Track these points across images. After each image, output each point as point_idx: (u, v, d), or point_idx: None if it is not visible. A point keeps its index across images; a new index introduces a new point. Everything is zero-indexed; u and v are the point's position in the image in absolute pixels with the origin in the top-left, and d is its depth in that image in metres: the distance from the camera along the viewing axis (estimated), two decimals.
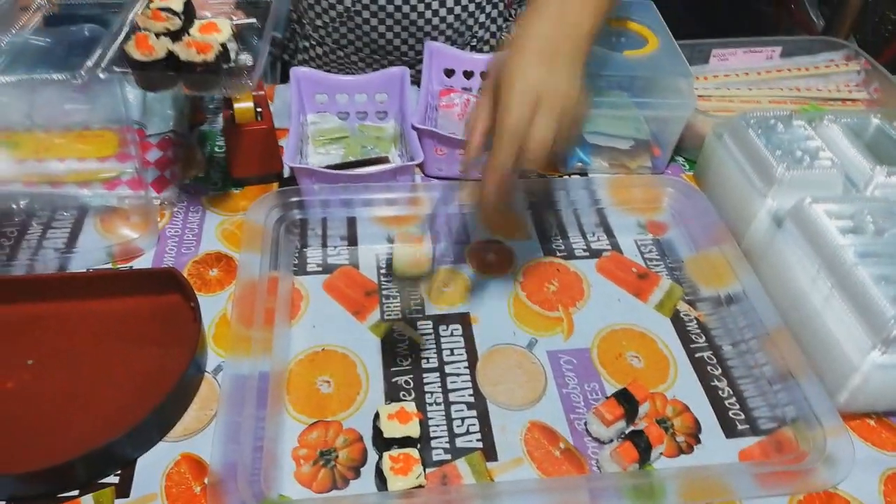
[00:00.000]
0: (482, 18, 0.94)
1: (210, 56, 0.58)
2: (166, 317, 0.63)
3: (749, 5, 2.10)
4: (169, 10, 0.61)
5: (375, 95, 0.85)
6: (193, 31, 0.60)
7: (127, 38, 0.59)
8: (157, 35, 0.59)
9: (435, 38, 0.91)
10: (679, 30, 0.87)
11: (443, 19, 0.90)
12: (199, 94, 0.70)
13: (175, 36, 0.59)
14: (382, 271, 0.71)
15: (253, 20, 0.65)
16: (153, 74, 0.59)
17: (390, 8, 0.87)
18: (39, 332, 0.62)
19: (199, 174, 0.79)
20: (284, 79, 1.00)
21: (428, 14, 0.89)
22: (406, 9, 0.87)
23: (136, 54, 0.58)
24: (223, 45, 0.59)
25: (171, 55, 0.58)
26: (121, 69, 0.59)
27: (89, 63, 0.59)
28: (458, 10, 0.90)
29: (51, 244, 0.70)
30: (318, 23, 0.91)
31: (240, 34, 0.63)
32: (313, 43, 0.95)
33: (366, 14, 0.88)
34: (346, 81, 0.84)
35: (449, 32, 0.92)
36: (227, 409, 0.52)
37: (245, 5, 0.67)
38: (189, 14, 0.62)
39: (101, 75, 0.59)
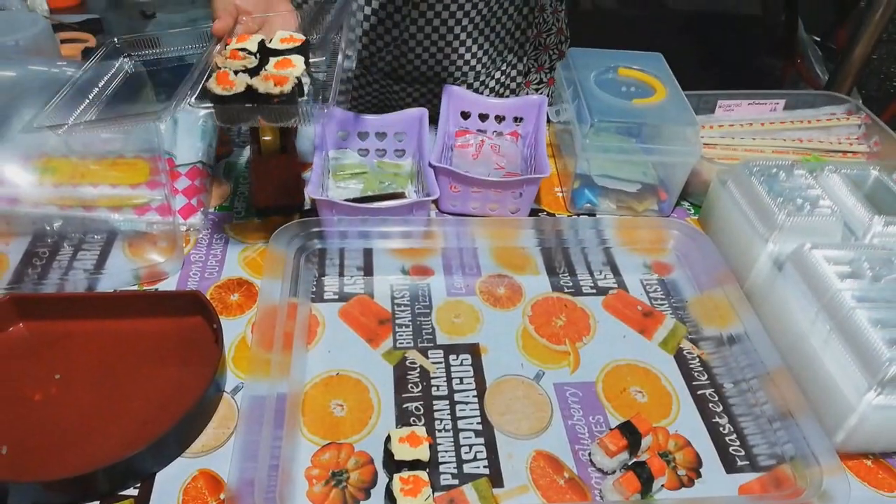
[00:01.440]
0: (515, 47, 0.99)
1: (287, 88, 0.61)
2: (189, 338, 0.66)
3: (757, 60, 2.16)
4: (245, 49, 0.65)
5: (394, 134, 0.89)
6: (269, 66, 0.65)
7: (208, 76, 0.63)
8: (236, 72, 0.63)
9: (471, 67, 0.96)
10: (688, 81, 0.91)
11: (476, 41, 0.95)
12: (276, 125, 0.73)
13: (251, 73, 0.63)
14: (396, 301, 0.74)
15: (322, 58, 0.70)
16: (234, 107, 0.62)
17: (435, 36, 0.92)
18: (68, 348, 0.65)
19: (224, 203, 0.83)
20: None
21: (469, 41, 0.94)
22: (450, 37, 0.92)
23: (218, 89, 0.61)
24: (297, 79, 0.63)
25: (248, 89, 0.62)
26: (202, 105, 0.63)
27: (172, 104, 0.63)
28: (492, 35, 0.96)
29: (81, 265, 0.73)
30: (365, 53, 0.96)
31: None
32: (360, 72, 0.99)
33: (412, 43, 0.93)
34: (367, 120, 0.88)
35: (481, 56, 0.96)
36: (245, 427, 0.54)
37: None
38: (264, 53, 0.66)
39: (189, 107, 0.63)
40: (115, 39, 0.79)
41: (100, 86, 0.73)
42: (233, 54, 0.65)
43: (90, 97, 0.71)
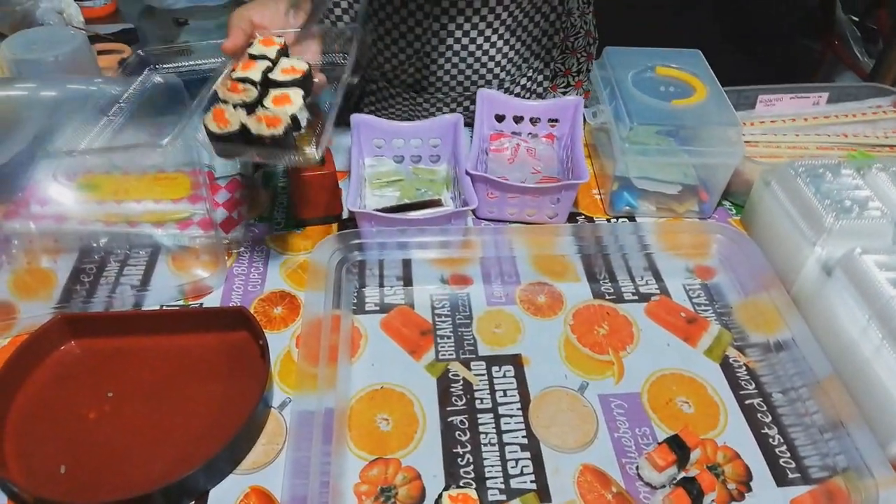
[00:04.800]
0: (542, 53, 0.98)
1: (278, 130, 0.61)
2: (235, 353, 0.67)
3: (793, 43, 2.11)
4: (247, 79, 0.65)
5: (430, 140, 0.89)
6: (267, 102, 0.64)
7: (208, 108, 0.64)
8: (235, 106, 0.63)
9: (495, 76, 0.95)
10: (723, 68, 0.89)
11: (501, 51, 0.93)
12: (269, 163, 0.74)
13: (251, 107, 0.63)
14: (436, 311, 0.74)
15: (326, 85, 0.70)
16: (228, 146, 0.63)
17: (457, 47, 0.91)
18: (118, 366, 0.66)
19: (263, 214, 0.84)
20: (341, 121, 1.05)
21: (492, 51, 0.93)
22: (472, 47, 0.92)
23: (213, 127, 0.62)
24: (293, 117, 0.63)
25: (243, 127, 0.62)
26: (202, 138, 0.64)
27: (174, 132, 0.64)
28: (518, 45, 0.94)
29: (127, 281, 0.74)
30: (387, 67, 0.95)
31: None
32: (382, 86, 0.99)
33: (434, 55, 0.92)
34: (402, 127, 0.88)
35: (506, 64, 0.95)
36: (295, 444, 0.55)
37: (325, 67, 0.72)
38: (266, 84, 0.66)
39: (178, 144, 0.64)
40: (141, 52, 0.79)
41: (122, 101, 0.74)
42: (233, 87, 0.64)
43: (111, 115, 0.72)
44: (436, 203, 0.84)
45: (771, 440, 0.62)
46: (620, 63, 0.89)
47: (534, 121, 0.93)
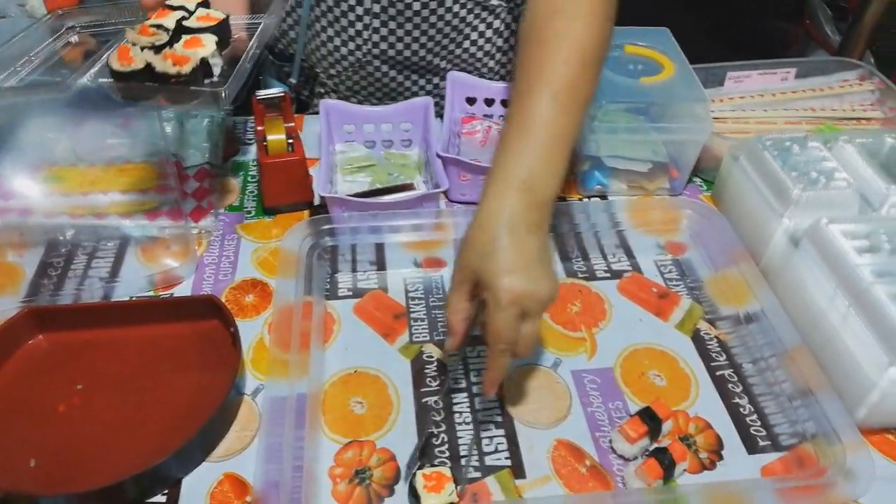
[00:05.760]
0: (490, 63, 0.97)
1: (185, 69, 0.58)
2: (207, 342, 0.66)
3: (764, 23, 2.12)
4: (160, 26, 0.62)
5: (401, 124, 0.88)
6: (178, 45, 0.61)
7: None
8: (143, 48, 0.60)
9: (486, 52, 0.94)
10: (694, 49, 0.89)
11: (450, 61, 0.93)
12: (175, 107, 0.70)
13: (160, 49, 0.61)
14: (410, 295, 0.74)
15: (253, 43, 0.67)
16: (131, 85, 0.60)
17: (400, 58, 0.90)
18: (88, 358, 0.65)
19: (233, 203, 0.83)
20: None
21: (437, 60, 0.92)
22: (415, 59, 0.91)
23: (117, 65, 0.59)
24: (204, 61, 0.60)
25: (149, 67, 0.59)
26: (105, 80, 0.60)
27: (79, 75, 0.61)
28: (465, 55, 0.94)
29: (95, 273, 0.74)
30: (332, 72, 0.94)
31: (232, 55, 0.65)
32: (329, 90, 0.98)
33: (377, 62, 0.91)
34: (373, 112, 0.87)
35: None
36: (268, 429, 0.55)
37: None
38: (179, 31, 0.63)
39: (87, 82, 0.61)
40: (59, 11, 0.77)
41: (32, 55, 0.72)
42: (143, 29, 0.62)
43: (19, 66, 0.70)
44: (408, 187, 0.84)
45: (742, 410, 0.63)
46: None
47: (505, 103, 0.93)
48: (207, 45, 0.61)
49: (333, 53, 0.91)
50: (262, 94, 0.80)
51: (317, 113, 0.87)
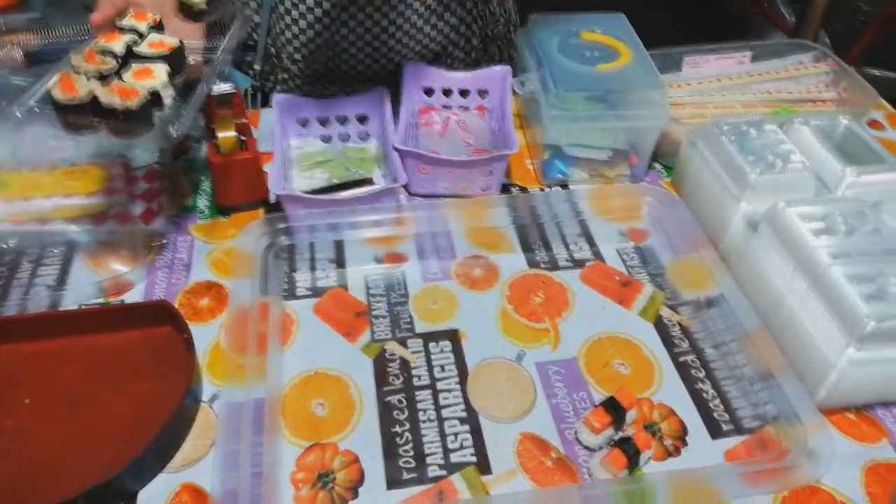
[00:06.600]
0: (461, 43, 0.96)
1: (133, 103, 0.56)
2: (160, 349, 0.64)
3: (724, 7, 2.14)
4: (108, 51, 0.59)
5: (357, 117, 0.87)
6: (127, 75, 0.59)
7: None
8: (88, 77, 0.57)
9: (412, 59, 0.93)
10: (652, 35, 0.89)
11: (419, 41, 0.91)
12: (123, 140, 0.68)
13: (106, 79, 0.58)
14: (371, 292, 0.72)
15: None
16: (75, 119, 0.57)
17: (368, 37, 0.88)
18: (35, 371, 0.63)
19: (186, 204, 0.80)
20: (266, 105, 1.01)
21: (405, 39, 0.90)
22: (384, 36, 0.89)
23: (59, 95, 0.56)
24: (154, 92, 0.58)
25: (95, 99, 0.56)
26: (45, 108, 0.57)
27: (18, 102, 0.57)
28: (434, 33, 0.92)
29: (42, 281, 0.71)
30: (297, 56, 0.92)
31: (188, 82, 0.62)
32: (293, 74, 0.96)
33: (344, 44, 0.89)
34: (327, 104, 0.85)
35: (425, 52, 0.93)
36: (225, 437, 0.53)
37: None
38: (128, 57, 0.61)
39: (18, 114, 0.57)
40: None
41: None
42: (89, 56, 0.59)
43: None
44: (367, 182, 0.83)
45: (704, 394, 0.63)
46: (545, 30, 0.88)
47: (463, 93, 0.92)
48: (158, 76, 0.59)
49: (299, 37, 0.89)
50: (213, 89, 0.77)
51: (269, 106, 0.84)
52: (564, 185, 0.85)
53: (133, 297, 0.70)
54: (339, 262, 0.75)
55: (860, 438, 0.60)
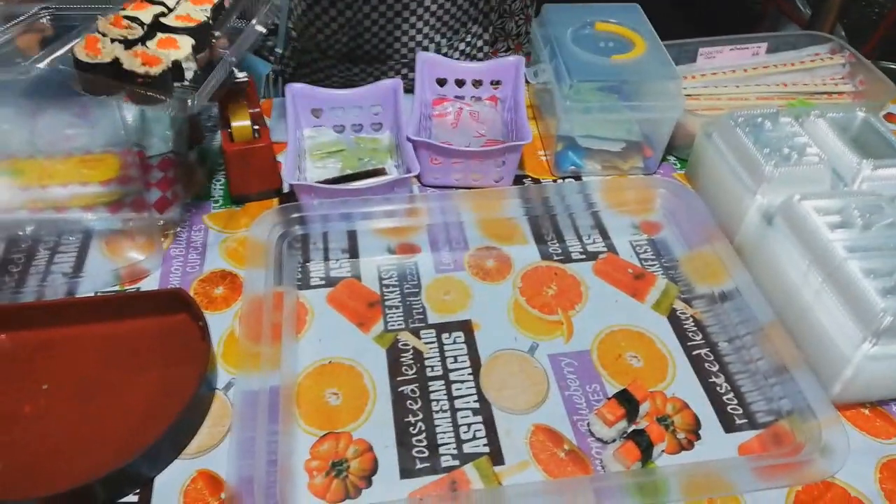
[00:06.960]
0: (474, 28, 0.96)
1: (155, 70, 0.56)
2: (175, 336, 0.64)
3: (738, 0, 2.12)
4: (135, 18, 0.59)
5: (370, 108, 0.87)
6: (151, 43, 0.59)
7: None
8: (113, 41, 0.57)
9: (431, 40, 0.93)
10: (665, 25, 0.88)
11: (439, 18, 0.91)
12: (140, 106, 0.68)
13: (132, 45, 0.58)
14: (384, 282, 0.72)
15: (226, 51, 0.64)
16: (96, 78, 0.57)
17: (390, 14, 0.88)
18: (53, 357, 0.63)
19: (200, 193, 0.81)
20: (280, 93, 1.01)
21: (426, 16, 0.90)
22: (406, 13, 0.89)
23: (83, 55, 0.56)
24: (176, 63, 0.58)
25: (118, 62, 0.56)
26: (66, 68, 0.57)
27: (39, 60, 0.57)
28: (454, 10, 0.92)
29: (58, 269, 0.71)
30: (321, 37, 0.92)
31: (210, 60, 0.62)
32: (315, 57, 0.96)
33: (367, 22, 0.89)
34: (341, 95, 0.85)
35: (444, 30, 0.93)
36: (240, 424, 0.54)
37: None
38: (155, 27, 0.60)
39: (41, 67, 0.57)
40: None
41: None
42: (116, 20, 0.58)
43: None
44: (379, 172, 0.83)
45: (718, 388, 0.63)
46: (560, 20, 0.87)
47: (476, 84, 0.91)
48: (182, 48, 0.59)
49: (322, 17, 0.89)
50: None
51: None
52: (577, 177, 0.85)
53: (148, 284, 0.70)
54: (353, 253, 0.75)
55: (875, 434, 0.60)
